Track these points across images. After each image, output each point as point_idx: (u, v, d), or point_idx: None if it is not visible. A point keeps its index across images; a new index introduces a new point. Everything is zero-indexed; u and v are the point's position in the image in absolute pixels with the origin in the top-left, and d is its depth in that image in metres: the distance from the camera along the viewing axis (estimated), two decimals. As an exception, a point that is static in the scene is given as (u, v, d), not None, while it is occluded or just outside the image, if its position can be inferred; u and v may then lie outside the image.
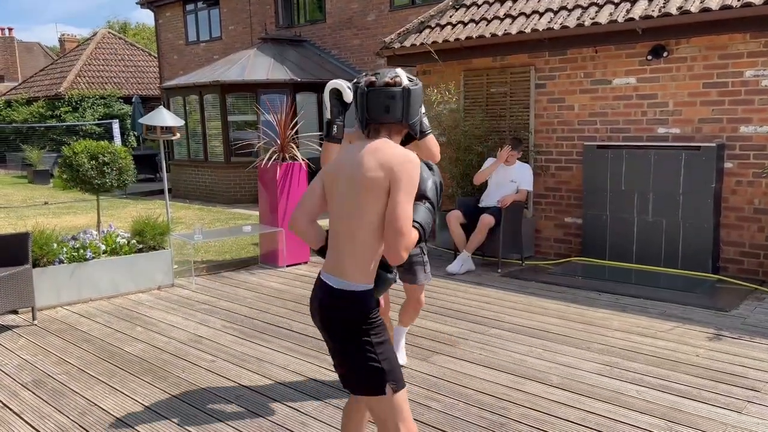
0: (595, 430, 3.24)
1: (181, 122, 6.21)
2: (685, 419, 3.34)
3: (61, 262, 5.51)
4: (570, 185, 7.15)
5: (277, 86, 12.97)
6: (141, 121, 6.30)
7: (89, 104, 20.36)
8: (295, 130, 7.13)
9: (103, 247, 5.78)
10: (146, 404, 3.61)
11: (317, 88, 13.28)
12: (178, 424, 3.36)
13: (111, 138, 14.25)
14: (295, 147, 6.84)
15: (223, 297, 5.83)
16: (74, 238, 5.79)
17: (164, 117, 6.13)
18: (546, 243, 7.44)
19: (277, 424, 3.34)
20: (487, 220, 6.48)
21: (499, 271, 6.60)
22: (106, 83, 22.25)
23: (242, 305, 5.57)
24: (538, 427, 3.28)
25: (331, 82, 3.01)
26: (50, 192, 14.93)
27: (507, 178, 6.77)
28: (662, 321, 4.94)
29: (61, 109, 20.48)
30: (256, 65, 13.37)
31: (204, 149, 13.69)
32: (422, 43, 7.74)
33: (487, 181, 6.90)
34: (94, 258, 5.69)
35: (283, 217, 6.84)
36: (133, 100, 18.01)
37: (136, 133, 18.41)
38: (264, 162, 6.78)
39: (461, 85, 7.85)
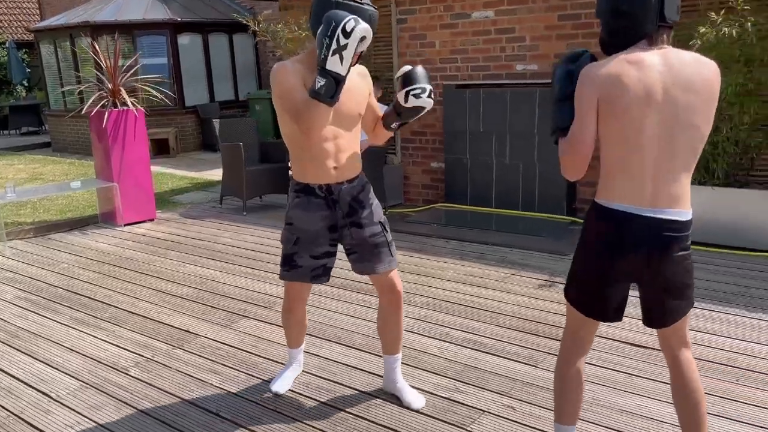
0: (374, 396, 2.96)
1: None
2: (476, 378, 3.10)
3: None
4: (434, 129, 6.80)
5: (155, 27, 11.95)
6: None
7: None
8: (130, 73, 6.45)
9: None
10: None
11: (203, 28, 12.34)
12: None
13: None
14: (125, 93, 6.15)
15: (36, 263, 5.24)
16: None
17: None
18: (415, 190, 7.12)
19: (14, 414, 2.90)
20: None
21: (356, 221, 6.22)
22: (-16, 27, 20.18)
23: (52, 272, 5.01)
24: (317, 399, 2.96)
25: (362, 26, 2.21)
26: None
27: (367, 122, 6.36)
28: (498, 268, 4.71)
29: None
30: (132, 3, 12.27)
31: (81, 98, 12.62)
32: (279, -25, 7.08)
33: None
34: None
35: (119, 171, 6.20)
36: (7, 44, 16.38)
37: (14, 81, 16.80)
38: (88, 108, 6.08)
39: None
